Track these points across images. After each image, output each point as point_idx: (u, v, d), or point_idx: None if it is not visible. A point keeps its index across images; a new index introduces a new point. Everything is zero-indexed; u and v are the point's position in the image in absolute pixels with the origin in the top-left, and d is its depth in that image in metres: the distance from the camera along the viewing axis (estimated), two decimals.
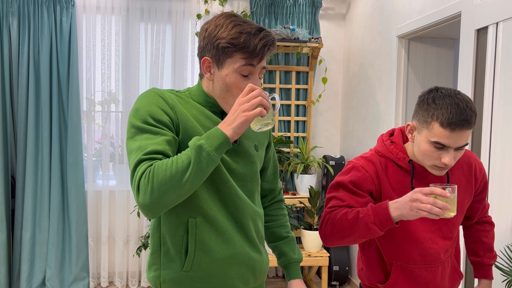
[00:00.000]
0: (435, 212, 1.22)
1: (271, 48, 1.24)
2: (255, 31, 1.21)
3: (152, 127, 1.19)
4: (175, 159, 1.13)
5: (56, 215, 3.75)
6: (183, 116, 1.25)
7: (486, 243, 1.65)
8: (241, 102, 1.15)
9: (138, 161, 1.15)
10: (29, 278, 3.74)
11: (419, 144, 1.37)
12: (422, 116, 1.35)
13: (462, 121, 1.28)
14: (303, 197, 3.88)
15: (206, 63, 1.27)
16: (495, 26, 2.17)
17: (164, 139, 1.18)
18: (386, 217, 1.31)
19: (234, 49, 1.21)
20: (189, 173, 1.12)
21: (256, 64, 1.24)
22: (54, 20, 3.70)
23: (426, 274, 1.50)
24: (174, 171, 1.11)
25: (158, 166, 1.12)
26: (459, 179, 1.51)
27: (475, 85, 2.35)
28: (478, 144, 2.32)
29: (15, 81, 3.70)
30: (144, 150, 1.15)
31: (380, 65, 3.46)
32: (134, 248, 3.98)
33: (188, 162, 1.12)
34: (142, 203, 1.13)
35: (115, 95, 3.92)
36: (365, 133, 3.75)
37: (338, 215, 1.41)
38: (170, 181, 1.11)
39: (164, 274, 1.30)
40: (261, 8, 4.02)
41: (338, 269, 3.92)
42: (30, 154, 3.69)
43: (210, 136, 1.15)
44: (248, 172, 1.35)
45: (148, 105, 1.21)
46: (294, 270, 1.50)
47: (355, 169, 1.47)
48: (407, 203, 1.27)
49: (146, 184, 1.12)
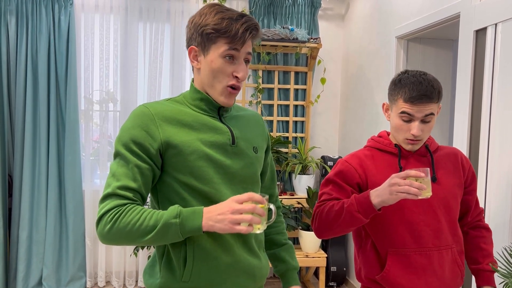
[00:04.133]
0: (412, 192, 1.33)
1: (253, 32, 1.27)
2: (237, 16, 1.26)
3: (130, 154, 1.23)
4: (143, 217, 1.18)
5: (53, 214, 3.73)
6: (172, 133, 1.26)
7: (485, 249, 1.65)
8: (233, 210, 1.14)
9: (109, 194, 1.21)
10: (25, 278, 3.73)
11: (392, 120, 1.56)
12: (391, 96, 1.55)
13: (422, 95, 1.46)
14: (301, 197, 3.88)
15: (192, 52, 1.31)
16: (494, 27, 2.16)
17: (137, 171, 1.22)
18: (368, 205, 1.42)
19: (217, 34, 1.25)
20: (148, 237, 1.18)
21: (240, 48, 1.27)
22: (52, 19, 3.69)
23: (421, 259, 1.52)
24: (135, 228, 1.17)
25: (124, 214, 1.18)
26: (446, 164, 1.62)
27: (473, 86, 2.35)
28: (476, 144, 2.32)
29: (13, 80, 3.68)
30: (117, 182, 1.21)
31: (379, 66, 3.46)
32: (131, 248, 3.97)
33: (152, 228, 1.17)
34: (99, 233, 1.21)
35: (113, 94, 3.91)
36: (363, 134, 3.74)
37: (326, 207, 1.53)
38: (128, 234, 1.18)
39: (162, 283, 1.29)
40: (260, 8, 4.02)
41: (336, 270, 3.92)
42: (28, 153, 3.68)
43: (189, 218, 1.17)
44: (247, 174, 1.34)
45: (132, 129, 1.24)
46: (293, 277, 1.50)
47: (340, 164, 1.62)
48: (386, 188, 1.39)
49: (107, 222, 1.19)
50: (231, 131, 1.33)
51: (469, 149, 2.38)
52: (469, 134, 2.37)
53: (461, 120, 2.41)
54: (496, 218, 2.13)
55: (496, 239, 2.12)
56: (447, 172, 1.60)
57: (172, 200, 1.27)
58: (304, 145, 4.07)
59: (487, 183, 2.20)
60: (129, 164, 1.23)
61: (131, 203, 1.21)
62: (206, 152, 1.26)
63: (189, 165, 1.25)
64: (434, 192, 1.55)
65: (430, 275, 1.53)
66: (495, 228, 2.14)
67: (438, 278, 1.53)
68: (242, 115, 1.43)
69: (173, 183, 1.26)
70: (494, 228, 2.15)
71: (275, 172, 1.58)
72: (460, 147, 2.42)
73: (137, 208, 1.20)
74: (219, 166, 1.28)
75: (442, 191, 1.56)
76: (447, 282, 1.55)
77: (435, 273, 1.53)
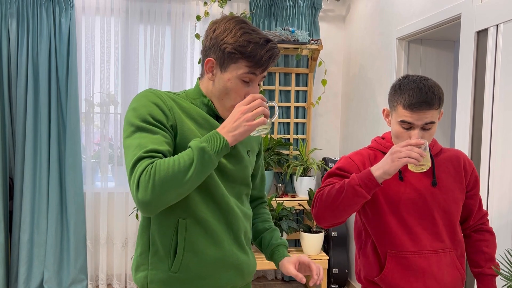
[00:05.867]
0: (413, 156, 1.35)
1: (275, 60, 1.29)
2: (262, 41, 1.24)
3: (152, 126, 1.20)
4: (177, 158, 1.15)
5: (55, 216, 3.73)
6: (180, 119, 1.26)
7: (487, 252, 1.64)
8: (244, 111, 1.18)
9: (138, 158, 1.15)
10: (27, 280, 3.73)
11: (392, 126, 1.54)
12: (391, 102, 1.53)
13: (421, 102, 1.43)
14: (303, 199, 3.87)
15: (209, 63, 1.29)
16: (495, 28, 2.15)
17: (163, 139, 1.19)
18: (369, 178, 1.41)
19: (240, 56, 1.24)
20: (191, 173, 1.13)
21: (259, 74, 1.27)
22: (53, 22, 3.69)
23: (420, 262, 1.52)
24: (176, 169, 1.12)
25: (160, 164, 1.13)
26: (447, 168, 1.59)
27: (475, 88, 2.34)
28: (478, 146, 2.31)
29: (14, 83, 3.68)
30: (144, 148, 1.16)
31: (380, 67, 3.45)
32: (132, 250, 3.97)
33: (190, 162, 1.14)
34: (141, 199, 1.12)
35: (114, 97, 3.91)
36: (365, 135, 3.73)
37: (327, 188, 1.52)
38: (172, 179, 1.12)
39: (152, 274, 1.29)
40: (261, 10, 4.01)
41: (338, 272, 3.90)
42: (29, 155, 3.68)
43: (212, 140, 1.17)
44: (240, 175, 1.36)
45: (148, 105, 1.22)
46: (282, 251, 1.45)
47: (343, 159, 1.63)
48: (387, 158, 1.40)
49: (147, 181, 1.12)
50: None
51: (471, 150, 2.37)
52: (471, 135, 2.36)
53: (463, 122, 2.40)
54: (498, 220, 2.12)
55: (499, 242, 2.11)
56: (448, 176, 1.58)
57: None
58: (305, 147, 4.06)
59: (489, 185, 2.19)
60: (153, 133, 1.19)
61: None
62: None
63: None
64: (434, 196, 1.54)
65: (429, 278, 1.52)
66: (498, 230, 2.13)
67: (437, 281, 1.53)
68: None
69: None
70: (496, 230, 2.13)
71: (265, 175, 1.59)
72: (462, 148, 2.41)
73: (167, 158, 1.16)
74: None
75: (442, 195, 1.55)
76: (446, 285, 1.55)
77: (434, 276, 1.53)
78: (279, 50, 1.29)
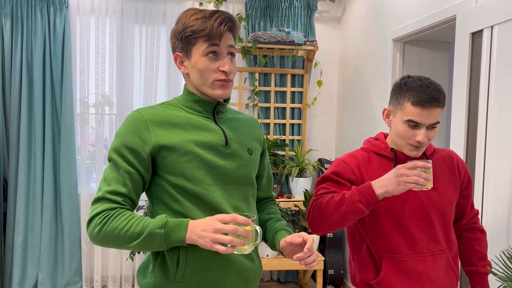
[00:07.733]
0: (421, 183, 1.35)
1: (228, 24, 1.29)
2: (210, 14, 1.29)
3: (121, 160, 1.25)
4: (131, 222, 1.20)
5: (49, 218, 3.71)
6: (165, 136, 1.27)
7: (479, 251, 1.65)
8: (215, 229, 1.15)
9: (99, 198, 1.24)
10: (21, 282, 3.70)
11: (395, 125, 1.50)
12: (396, 100, 1.50)
13: (431, 99, 1.42)
14: (298, 200, 3.86)
15: (178, 58, 1.34)
16: (490, 29, 2.16)
17: (127, 177, 1.25)
18: (371, 195, 1.39)
19: (195, 35, 1.27)
20: (133, 244, 1.21)
21: (219, 43, 1.28)
22: (47, 22, 3.67)
23: (416, 265, 1.52)
24: (122, 233, 1.20)
25: (113, 218, 1.21)
26: (442, 169, 1.60)
27: (470, 89, 2.34)
28: (473, 147, 2.31)
29: (8, 83, 3.66)
30: (108, 186, 1.24)
31: (375, 68, 3.45)
32: (127, 252, 3.95)
33: (138, 236, 1.19)
34: (89, 234, 1.25)
35: (109, 97, 3.89)
36: (360, 136, 3.74)
37: (325, 199, 1.49)
38: (115, 239, 1.21)
39: (156, 282, 1.29)
40: (256, 11, 4.01)
41: (333, 273, 3.90)
42: (23, 156, 3.65)
43: (173, 230, 1.19)
44: (241, 175, 1.35)
45: (125, 134, 1.27)
46: (284, 233, 1.39)
47: (337, 162, 1.60)
48: (392, 178, 1.37)
49: (96, 225, 1.22)
50: (224, 132, 1.34)
51: (465, 151, 2.37)
52: (466, 137, 2.36)
53: (458, 123, 2.40)
54: (493, 222, 2.13)
55: (494, 243, 2.12)
56: (442, 176, 1.59)
57: (166, 201, 1.29)
58: (301, 148, 4.06)
59: (484, 186, 2.20)
60: (120, 169, 1.25)
61: (121, 208, 1.24)
62: (198, 153, 1.28)
63: (180, 167, 1.26)
64: (429, 197, 1.55)
65: (425, 280, 1.52)
66: (493, 231, 2.13)
67: (433, 283, 1.53)
68: (237, 118, 1.44)
69: (165, 184, 1.28)
70: (491, 232, 2.14)
71: (272, 175, 1.58)
72: (457, 149, 2.41)
73: (126, 213, 1.22)
74: (212, 167, 1.29)
75: (437, 196, 1.56)
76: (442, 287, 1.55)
77: (429, 278, 1.53)
78: (230, 15, 1.30)
